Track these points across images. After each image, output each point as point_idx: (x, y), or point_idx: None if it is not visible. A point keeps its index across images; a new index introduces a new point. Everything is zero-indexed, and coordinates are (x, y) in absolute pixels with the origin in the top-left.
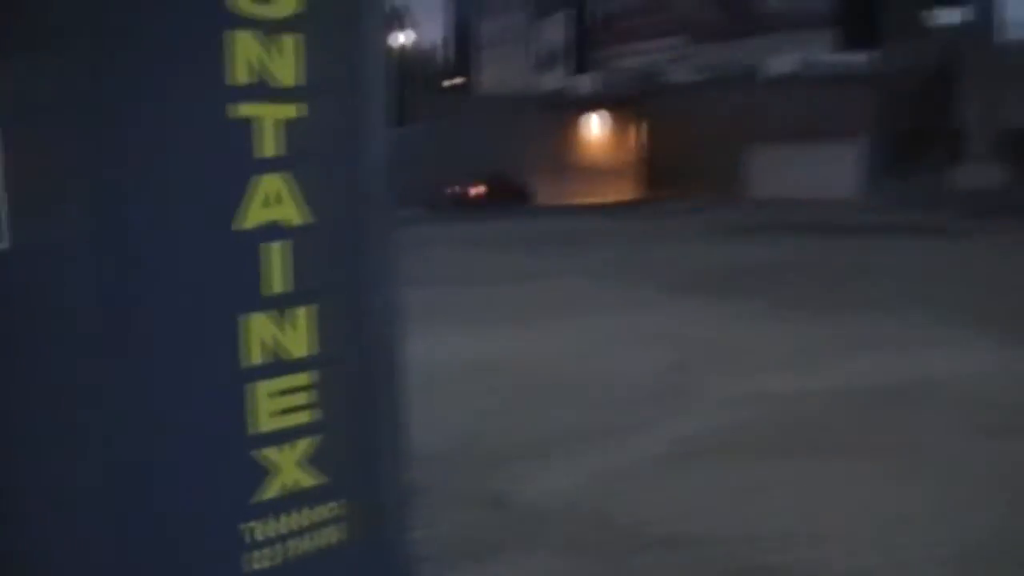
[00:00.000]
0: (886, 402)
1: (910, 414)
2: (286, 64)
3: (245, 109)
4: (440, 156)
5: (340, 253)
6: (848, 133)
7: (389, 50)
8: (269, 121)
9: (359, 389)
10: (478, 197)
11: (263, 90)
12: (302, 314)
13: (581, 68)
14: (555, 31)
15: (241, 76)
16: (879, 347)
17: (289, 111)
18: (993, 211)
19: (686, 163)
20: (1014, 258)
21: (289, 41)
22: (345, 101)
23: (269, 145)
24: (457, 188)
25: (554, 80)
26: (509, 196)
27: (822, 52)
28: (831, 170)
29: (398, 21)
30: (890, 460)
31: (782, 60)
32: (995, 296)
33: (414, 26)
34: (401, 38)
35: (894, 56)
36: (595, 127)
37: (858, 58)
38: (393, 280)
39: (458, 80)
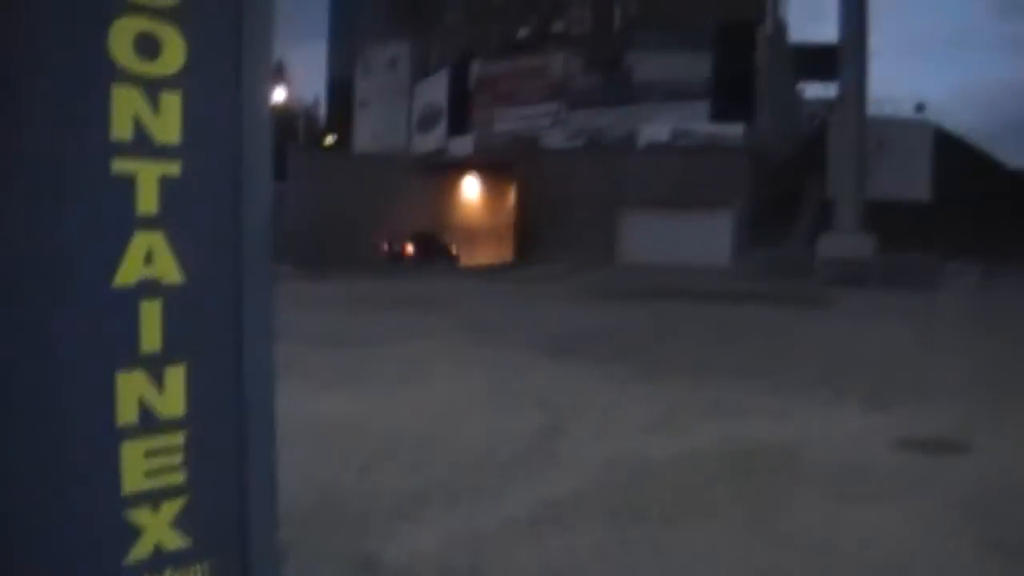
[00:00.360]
0: (748, 467)
1: (769, 480)
2: (168, 121)
3: (126, 165)
4: (314, 215)
5: (215, 313)
6: (721, 201)
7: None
8: (149, 178)
9: (231, 450)
10: (410, 255)
11: (144, 146)
12: (176, 373)
13: (460, 129)
14: (435, 91)
15: (123, 132)
16: (744, 412)
17: (169, 168)
18: (858, 280)
19: (560, 227)
20: (874, 326)
21: (172, 98)
22: (226, 159)
23: (149, 202)
24: (388, 246)
25: (433, 140)
26: (436, 254)
27: (697, 122)
28: (703, 237)
29: (273, 76)
30: (747, 526)
31: (657, 128)
32: (855, 364)
33: (290, 82)
34: (277, 94)
35: (767, 127)
36: (472, 189)
37: (732, 129)
38: (268, 340)
39: (333, 137)
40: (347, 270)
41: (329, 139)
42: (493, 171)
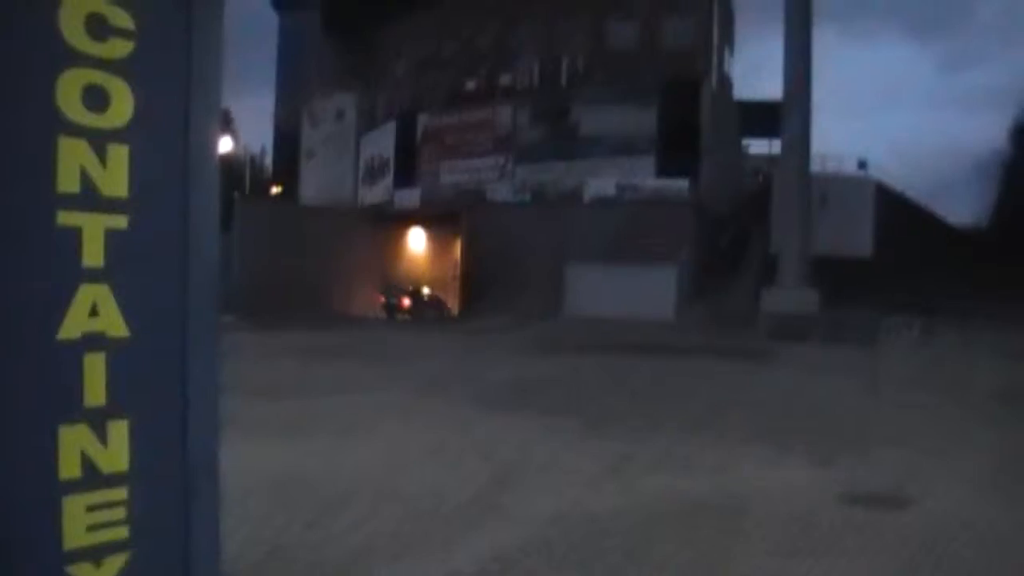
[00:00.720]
0: (693, 521)
1: (715, 534)
2: (115, 174)
3: (71, 217)
4: (259, 265)
5: (161, 367)
6: (666, 255)
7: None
8: (96, 231)
9: (175, 504)
10: (406, 308)
11: (91, 199)
12: (119, 427)
13: (407, 181)
14: (382, 143)
15: (70, 184)
16: (689, 466)
17: (116, 221)
18: (800, 335)
19: (507, 279)
20: (816, 381)
21: (119, 151)
22: (173, 213)
23: (95, 255)
24: (384, 299)
25: (380, 192)
26: (430, 308)
27: (643, 176)
28: (648, 291)
29: (221, 126)
30: None
31: (603, 182)
32: (798, 418)
33: (236, 132)
34: (223, 144)
35: (712, 182)
36: (417, 242)
37: (677, 183)
38: (215, 394)
39: (280, 188)
40: (292, 321)
41: (275, 189)
42: (440, 223)
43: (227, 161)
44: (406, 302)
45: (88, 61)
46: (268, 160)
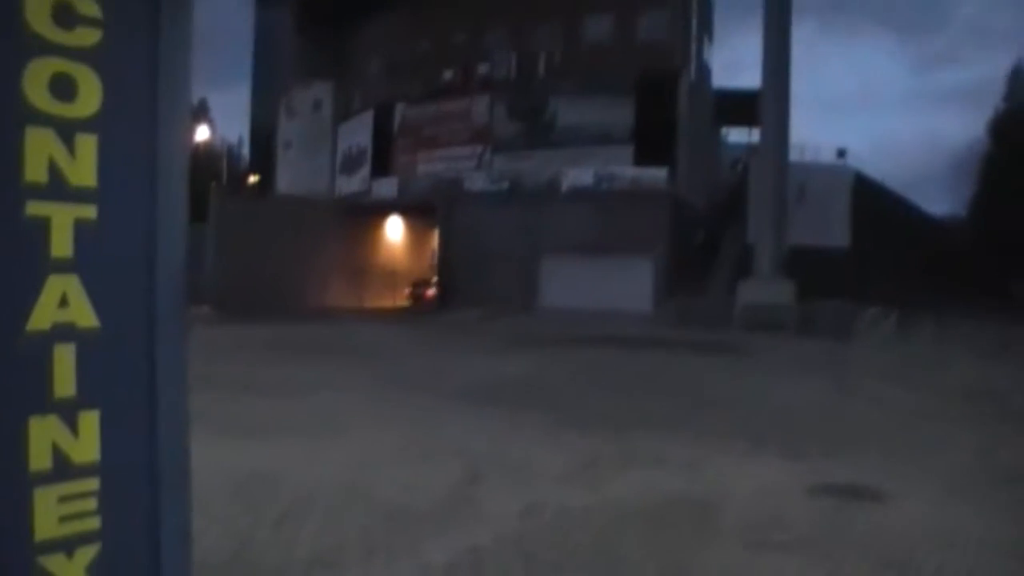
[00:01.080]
0: (666, 517)
1: (687, 529)
2: (83, 164)
3: (39, 208)
4: (235, 257)
5: (130, 357)
6: (642, 247)
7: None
8: (64, 221)
9: (145, 496)
10: (431, 298)
11: (58, 189)
12: (90, 419)
13: (384, 172)
14: (358, 134)
15: (36, 174)
16: (662, 462)
17: (85, 211)
18: (776, 326)
19: (483, 270)
20: (791, 375)
21: (87, 141)
22: (142, 203)
23: (62, 245)
24: (413, 290)
25: (357, 183)
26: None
27: (619, 167)
28: (624, 283)
29: (195, 116)
30: (665, 574)
31: (581, 172)
32: (773, 413)
33: (213, 123)
34: (199, 134)
35: (689, 173)
36: (394, 232)
37: (655, 173)
38: (183, 385)
39: (257, 179)
40: (266, 313)
41: (252, 180)
42: (416, 214)
43: (204, 151)
44: (430, 292)
45: (55, 50)
46: (245, 151)
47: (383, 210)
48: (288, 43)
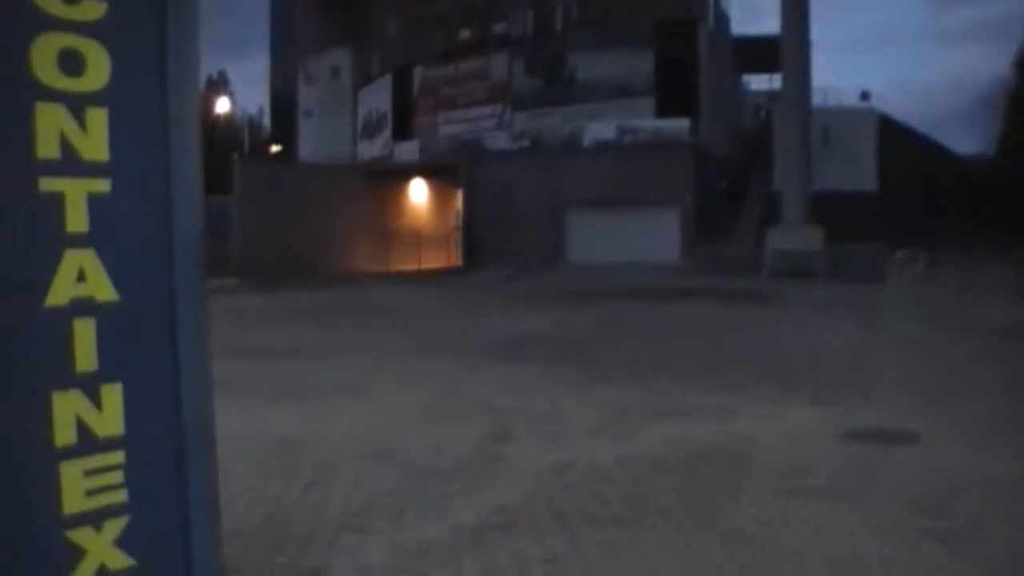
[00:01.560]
0: (697, 467)
1: (719, 478)
2: (95, 138)
3: (53, 183)
4: (261, 226)
5: (150, 329)
6: (668, 198)
7: (208, 119)
8: (78, 195)
9: (171, 467)
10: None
11: (71, 164)
12: (112, 392)
13: (405, 135)
14: (378, 98)
15: (49, 150)
16: (692, 411)
17: (98, 185)
18: (806, 273)
19: (508, 229)
20: (821, 320)
21: (98, 115)
22: (156, 174)
23: (77, 220)
24: None
25: (378, 147)
26: None
27: (642, 119)
28: (651, 235)
29: (216, 88)
30: (698, 524)
31: (602, 126)
32: (803, 359)
33: (233, 94)
34: (220, 105)
35: (712, 122)
36: (418, 194)
37: (678, 124)
38: (205, 355)
39: (278, 148)
40: (295, 282)
41: (274, 149)
42: (439, 175)
43: (225, 123)
44: None
45: (61, 25)
46: (266, 121)
47: (406, 173)
48: (304, 9)
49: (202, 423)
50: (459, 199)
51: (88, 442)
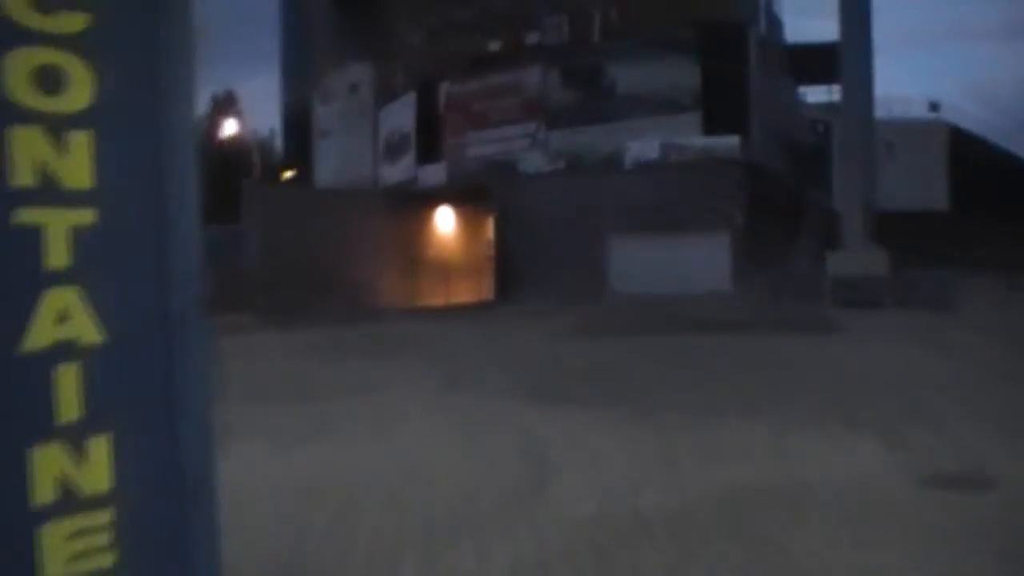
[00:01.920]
0: (755, 516)
1: (779, 527)
2: (77, 163)
3: (30, 214)
4: (274, 257)
5: (144, 373)
6: (718, 221)
7: (214, 142)
8: (59, 227)
9: (168, 526)
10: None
11: (51, 193)
12: (99, 444)
13: (431, 157)
14: (401, 116)
15: (24, 177)
16: (749, 454)
17: (82, 216)
18: (870, 301)
19: (545, 258)
20: (889, 353)
21: (81, 138)
22: (149, 202)
23: (59, 255)
24: None
25: (401, 170)
26: None
27: (688, 135)
28: (700, 261)
29: (223, 108)
30: None
31: (645, 144)
32: (869, 396)
33: (242, 114)
34: (228, 127)
35: (764, 137)
36: (445, 222)
37: (727, 141)
38: (206, 400)
39: (293, 172)
40: (313, 317)
41: (288, 174)
42: (468, 200)
43: (234, 145)
44: None
45: (38, 38)
46: (279, 143)
47: (432, 199)
48: (320, 21)
49: (204, 473)
50: (490, 226)
51: (72, 501)
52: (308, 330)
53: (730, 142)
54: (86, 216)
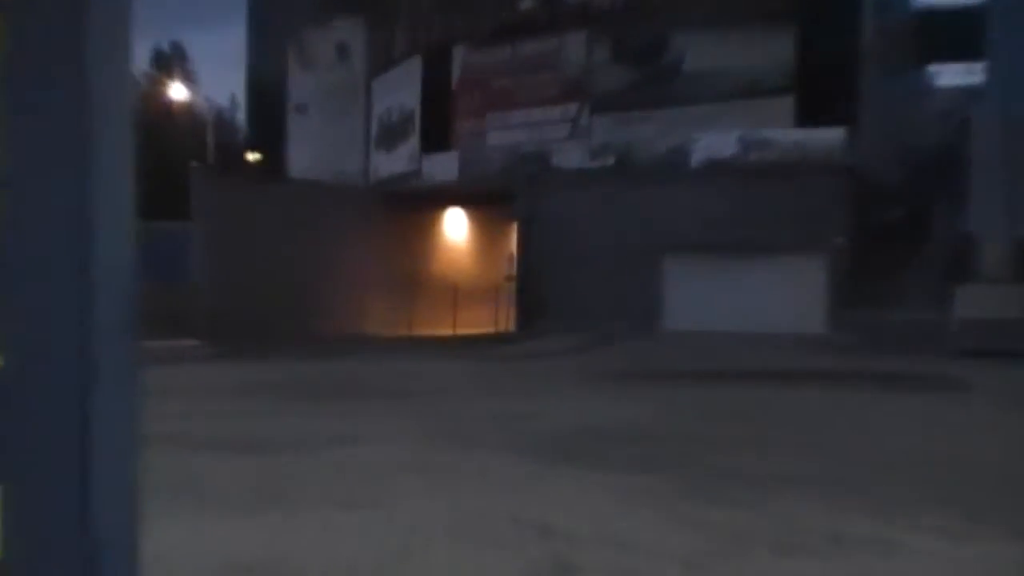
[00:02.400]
0: None
1: None
2: None
3: None
4: (232, 267)
5: (47, 412)
6: (811, 242)
7: (153, 111)
8: None
9: None
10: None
11: None
12: None
13: (439, 145)
14: (402, 91)
15: None
16: (833, 544)
17: None
18: (1012, 351)
19: (577, 283)
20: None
21: None
22: (65, 192)
23: None
24: None
25: (401, 160)
26: None
27: (774, 128)
28: (785, 293)
29: (168, 68)
30: None
31: (719, 139)
32: (1000, 475)
33: (193, 78)
34: (174, 92)
35: (878, 133)
36: (455, 230)
37: (828, 136)
38: (131, 448)
39: (258, 156)
40: (279, 346)
41: (252, 158)
42: (486, 203)
43: (183, 118)
44: None
45: None
46: (241, 117)
47: (438, 199)
48: None
49: (122, 542)
50: (513, 237)
51: None
52: (271, 362)
53: (832, 137)
54: None
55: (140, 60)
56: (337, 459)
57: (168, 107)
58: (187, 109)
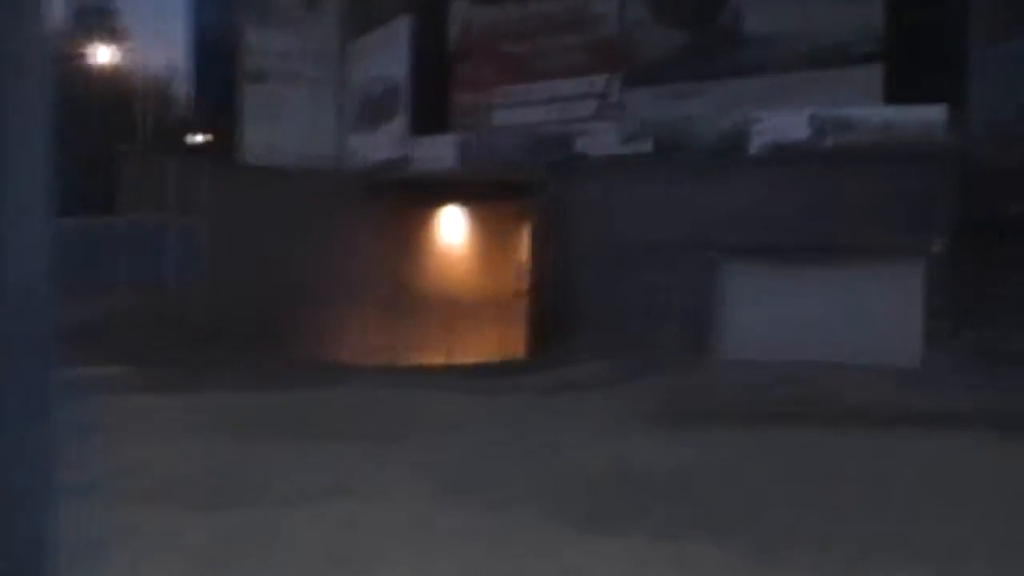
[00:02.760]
0: None
1: None
2: None
3: None
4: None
5: None
6: (904, 246)
7: (75, 78)
8: None
9: None
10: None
11: None
12: None
13: (433, 124)
14: (387, 56)
15: None
16: None
17: None
18: None
19: (607, 296)
20: None
21: None
22: None
23: None
24: None
25: (385, 143)
26: None
27: (853, 105)
28: (870, 308)
29: (94, 25)
30: None
31: (787, 118)
32: None
33: (124, 35)
34: (100, 55)
35: (990, 111)
36: (456, 228)
37: (925, 114)
38: (51, 500)
39: (206, 136)
40: (225, 374)
41: (198, 138)
42: (493, 197)
43: (111, 87)
44: None
45: None
46: (183, 87)
47: (433, 191)
48: None
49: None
50: (526, 240)
51: None
52: (215, 393)
53: (930, 115)
54: None
55: (59, 17)
56: (319, 515)
57: (93, 72)
58: (117, 76)
